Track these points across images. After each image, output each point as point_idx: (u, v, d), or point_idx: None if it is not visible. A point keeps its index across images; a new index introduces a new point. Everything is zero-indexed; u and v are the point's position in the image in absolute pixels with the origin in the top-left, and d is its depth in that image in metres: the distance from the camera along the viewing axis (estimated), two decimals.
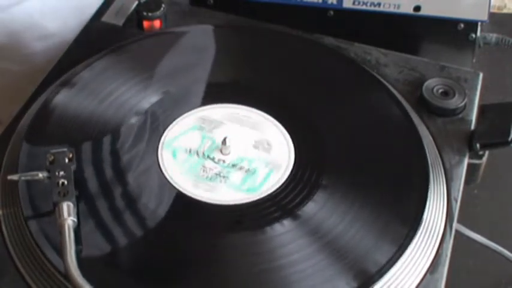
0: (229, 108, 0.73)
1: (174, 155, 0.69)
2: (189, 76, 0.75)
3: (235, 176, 0.67)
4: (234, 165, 0.68)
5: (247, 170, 0.68)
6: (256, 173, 0.67)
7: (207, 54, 0.78)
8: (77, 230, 0.61)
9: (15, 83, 0.89)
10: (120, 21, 0.84)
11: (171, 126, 0.71)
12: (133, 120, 0.71)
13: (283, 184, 0.66)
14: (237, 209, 0.65)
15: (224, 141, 0.69)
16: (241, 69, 0.77)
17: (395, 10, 0.83)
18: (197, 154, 0.69)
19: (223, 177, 0.67)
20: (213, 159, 0.69)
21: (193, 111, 0.73)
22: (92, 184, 0.65)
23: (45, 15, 0.88)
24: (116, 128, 0.70)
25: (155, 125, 0.71)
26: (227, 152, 0.69)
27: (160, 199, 0.65)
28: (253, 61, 0.78)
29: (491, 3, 0.82)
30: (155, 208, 0.64)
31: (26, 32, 0.88)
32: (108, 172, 0.67)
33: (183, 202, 0.65)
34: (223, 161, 0.68)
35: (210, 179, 0.67)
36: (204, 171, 0.68)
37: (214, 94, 0.74)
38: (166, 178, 0.67)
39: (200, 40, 0.80)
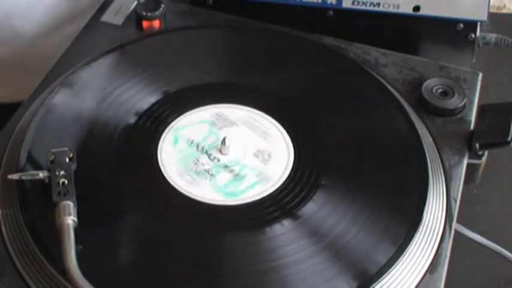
0: (247, 112, 0.73)
1: (175, 141, 0.69)
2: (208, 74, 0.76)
3: (222, 177, 0.67)
4: (226, 167, 0.68)
5: (236, 175, 0.68)
6: (244, 179, 0.67)
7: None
8: (77, 230, 0.61)
9: None
10: (119, 21, 0.84)
11: (187, 113, 0.72)
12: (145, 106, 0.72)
13: (264, 197, 0.66)
14: (208, 208, 0.65)
15: (224, 141, 0.69)
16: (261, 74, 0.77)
17: (395, 10, 0.83)
18: (197, 147, 0.69)
19: (211, 175, 0.67)
20: (209, 155, 0.69)
21: (212, 106, 0.73)
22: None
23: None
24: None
25: (171, 110, 0.72)
26: (226, 152, 0.69)
27: (148, 182, 0.66)
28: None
29: (491, 3, 0.82)
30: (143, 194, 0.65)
31: None
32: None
33: (163, 187, 0.66)
34: (218, 160, 0.68)
35: (198, 173, 0.67)
36: (195, 164, 0.68)
37: (233, 94, 0.74)
38: (158, 162, 0.67)
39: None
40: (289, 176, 0.67)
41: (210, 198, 0.65)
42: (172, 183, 0.66)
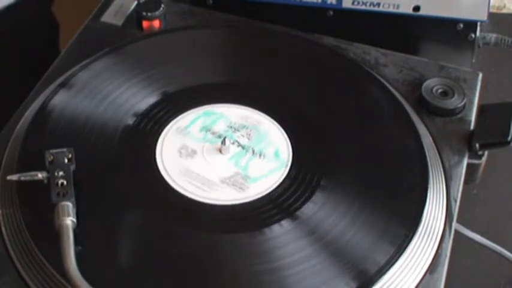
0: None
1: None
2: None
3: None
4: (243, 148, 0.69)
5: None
6: (262, 154, 0.69)
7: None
8: (76, 230, 0.61)
9: None
10: (119, 22, 0.84)
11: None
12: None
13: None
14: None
15: (224, 141, 0.69)
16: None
17: (395, 10, 0.83)
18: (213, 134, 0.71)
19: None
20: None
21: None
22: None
23: None
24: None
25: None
26: (225, 153, 0.69)
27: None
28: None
29: (491, 3, 0.81)
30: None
31: None
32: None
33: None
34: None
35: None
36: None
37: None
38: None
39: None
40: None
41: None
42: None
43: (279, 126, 0.71)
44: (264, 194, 0.66)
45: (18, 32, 0.93)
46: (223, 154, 0.69)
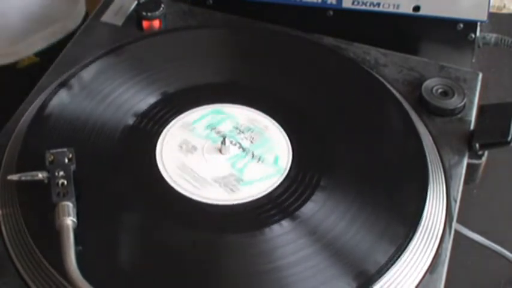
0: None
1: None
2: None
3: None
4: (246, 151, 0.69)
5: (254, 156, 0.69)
6: (261, 159, 0.69)
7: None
8: (77, 230, 0.61)
9: None
10: (119, 21, 0.84)
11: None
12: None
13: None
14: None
15: (224, 141, 0.69)
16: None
17: (395, 10, 0.83)
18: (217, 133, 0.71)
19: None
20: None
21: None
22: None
23: None
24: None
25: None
26: (225, 153, 0.69)
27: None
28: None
29: (491, 3, 0.81)
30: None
31: None
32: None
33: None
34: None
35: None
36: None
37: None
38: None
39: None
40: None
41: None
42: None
43: (284, 133, 0.71)
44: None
45: None
46: (223, 154, 0.69)
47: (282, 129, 0.71)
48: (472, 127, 0.75)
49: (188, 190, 0.66)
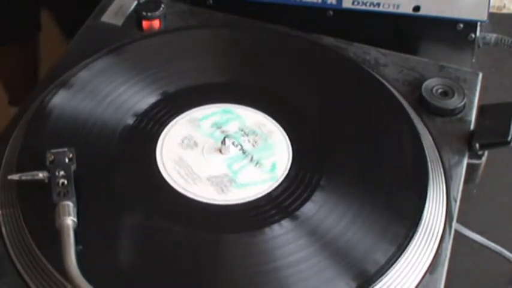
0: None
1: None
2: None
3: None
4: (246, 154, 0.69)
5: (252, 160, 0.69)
6: (259, 163, 0.68)
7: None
8: (77, 230, 0.61)
9: None
10: (119, 21, 0.83)
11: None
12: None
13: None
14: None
15: (223, 141, 0.69)
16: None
17: (395, 10, 0.83)
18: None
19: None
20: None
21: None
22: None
23: None
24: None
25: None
26: (225, 153, 0.69)
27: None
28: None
29: (491, 4, 0.82)
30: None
31: None
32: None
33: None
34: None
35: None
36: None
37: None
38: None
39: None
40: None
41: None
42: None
43: (286, 136, 0.71)
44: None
45: None
46: (223, 154, 0.69)
47: (284, 133, 0.71)
48: (472, 127, 0.75)
49: (180, 185, 0.66)
